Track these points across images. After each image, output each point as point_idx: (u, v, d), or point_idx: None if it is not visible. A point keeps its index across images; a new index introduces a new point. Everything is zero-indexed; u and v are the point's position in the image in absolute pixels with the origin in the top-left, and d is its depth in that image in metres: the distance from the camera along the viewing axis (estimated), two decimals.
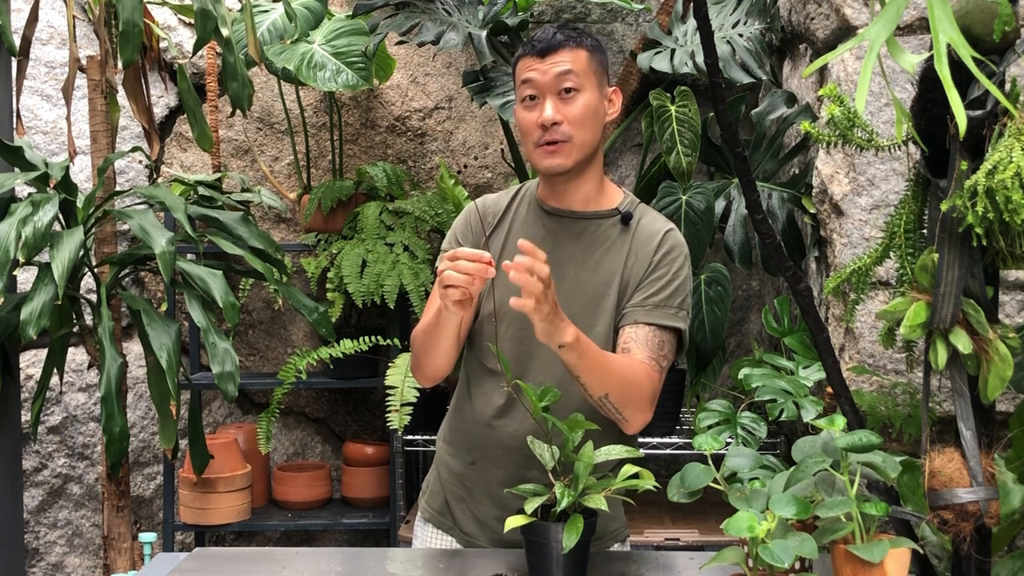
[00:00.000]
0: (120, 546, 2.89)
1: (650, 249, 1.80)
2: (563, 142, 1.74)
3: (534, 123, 1.75)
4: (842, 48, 1.29)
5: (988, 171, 1.33)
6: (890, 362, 2.46)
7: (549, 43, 1.75)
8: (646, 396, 1.70)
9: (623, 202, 1.85)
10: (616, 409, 1.67)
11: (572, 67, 1.75)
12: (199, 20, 2.73)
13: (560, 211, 1.83)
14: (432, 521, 1.91)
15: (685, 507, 3.01)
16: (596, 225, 1.83)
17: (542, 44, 1.76)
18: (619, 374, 1.66)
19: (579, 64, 1.76)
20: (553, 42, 1.75)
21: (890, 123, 2.48)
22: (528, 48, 1.78)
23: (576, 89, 1.75)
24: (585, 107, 1.75)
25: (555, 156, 1.75)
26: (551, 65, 1.75)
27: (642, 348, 1.72)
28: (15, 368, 2.80)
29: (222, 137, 3.61)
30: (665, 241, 1.81)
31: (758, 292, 3.58)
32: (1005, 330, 1.46)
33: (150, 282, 3.62)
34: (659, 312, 1.76)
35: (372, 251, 3.21)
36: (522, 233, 1.83)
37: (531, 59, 1.76)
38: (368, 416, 3.71)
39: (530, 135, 1.77)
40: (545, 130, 1.74)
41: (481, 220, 1.86)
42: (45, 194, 2.58)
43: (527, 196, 1.89)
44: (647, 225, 1.83)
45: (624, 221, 1.82)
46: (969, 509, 1.40)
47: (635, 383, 1.68)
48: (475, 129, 3.64)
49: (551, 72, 1.74)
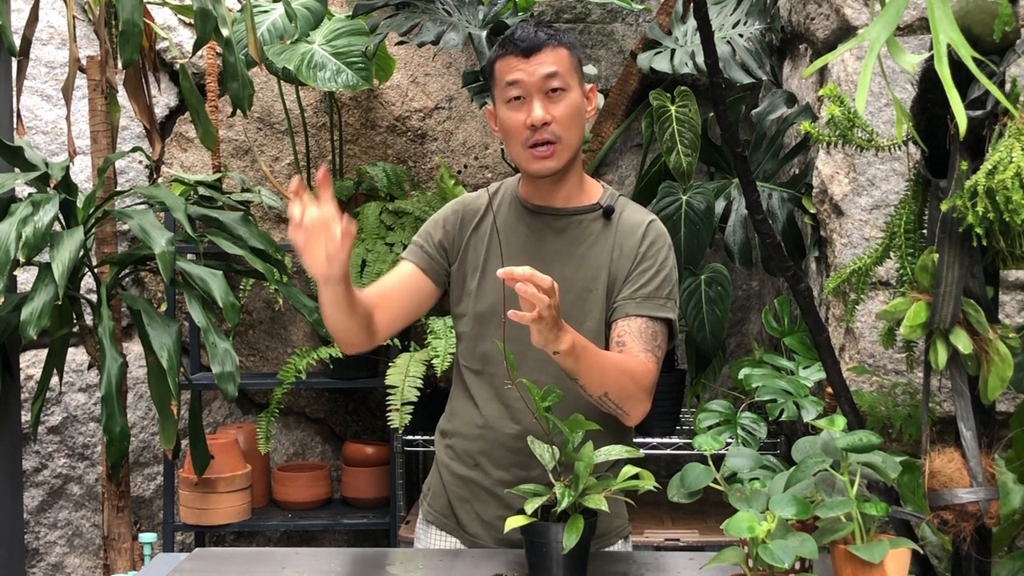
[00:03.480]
0: (120, 546, 2.89)
1: (634, 241, 1.81)
2: (553, 143, 1.74)
3: (522, 124, 1.74)
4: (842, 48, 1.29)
5: (988, 171, 1.33)
6: (890, 362, 2.46)
7: (533, 42, 1.73)
8: (645, 388, 1.71)
9: (603, 196, 1.85)
10: (616, 404, 1.68)
11: (557, 67, 1.74)
12: (199, 20, 2.73)
13: (542, 208, 1.83)
14: (435, 523, 1.90)
15: (685, 507, 3.00)
16: (579, 221, 1.83)
17: (526, 43, 1.73)
18: (616, 371, 1.67)
19: (563, 64, 1.75)
20: (537, 41, 1.73)
21: (890, 123, 2.48)
22: (510, 47, 1.75)
23: (563, 89, 1.74)
24: (572, 107, 1.75)
25: (546, 160, 1.75)
26: (536, 65, 1.73)
27: (637, 340, 1.74)
28: (15, 368, 2.80)
29: (222, 137, 3.61)
30: (649, 233, 1.82)
31: (758, 292, 3.58)
32: (1005, 330, 1.46)
33: (150, 282, 3.62)
34: (649, 303, 1.77)
35: (372, 251, 3.21)
36: (506, 232, 1.83)
37: (514, 59, 1.74)
38: (368, 416, 3.71)
39: (518, 136, 1.75)
40: (534, 131, 1.73)
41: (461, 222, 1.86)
42: (45, 194, 2.58)
43: (507, 195, 1.88)
44: (629, 218, 1.83)
45: (606, 215, 1.82)
46: (969, 509, 1.40)
47: (632, 378, 1.69)
48: (475, 129, 3.64)
49: (538, 72, 1.73)
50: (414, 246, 1.88)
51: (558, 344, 1.54)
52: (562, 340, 1.54)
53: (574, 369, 1.60)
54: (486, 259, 1.83)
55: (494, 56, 1.79)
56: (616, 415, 1.71)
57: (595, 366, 1.63)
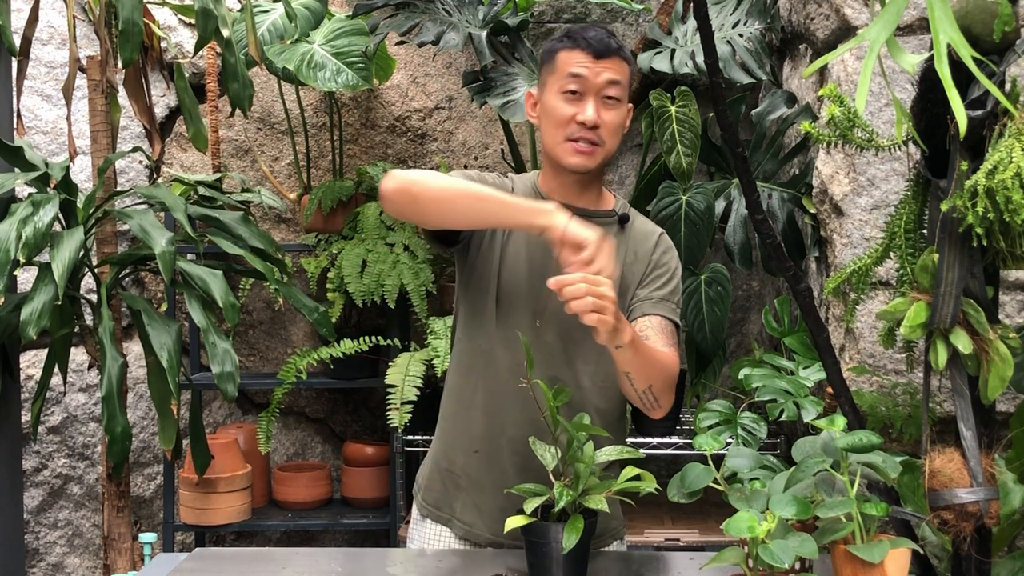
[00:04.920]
0: (120, 546, 2.89)
1: (648, 248, 1.87)
2: (596, 144, 1.78)
3: (571, 117, 1.76)
4: (842, 48, 1.29)
5: (988, 171, 1.33)
6: (890, 362, 2.46)
7: (607, 46, 1.76)
8: (674, 382, 1.77)
9: (617, 205, 1.91)
10: (655, 397, 1.73)
11: (620, 78, 1.77)
12: (200, 20, 2.73)
13: (565, 206, 1.83)
14: (430, 516, 1.89)
15: (685, 507, 3.01)
16: (597, 224, 1.83)
17: (599, 45, 1.76)
18: (660, 365, 1.72)
19: (624, 76, 1.79)
20: (611, 46, 1.76)
21: (890, 123, 2.48)
22: (582, 43, 1.77)
23: (618, 100, 1.78)
24: (620, 118, 1.80)
25: (584, 156, 1.77)
26: (603, 69, 1.76)
27: (660, 335, 1.79)
28: (15, 368, 2.80)
29: (222, 137, 3.61)
30: (661, 242, 1.90)
31: (758, 292, 3.58)
32: (1005, 330, 1.46)
33: (150, 282, 3.62)
34: (664, 305, 1.83)
35: (372, 251, 3.21)
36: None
37: (583, 54, 1.76)
38: (368, 416, 3.71)
39: (563, 127, 1.77)
40: (582, 128, 1.76)
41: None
42: (45, 194, 2.58)
43: (526, 188, 1.88)
44: (640, 227, 1.91)
45: (621, 223, 1.88)
46: (969, 509, 1.40)
47: (670, 372, 1.75)
48: (475, 129, 3.64)
49: (603, 76, 1.76)
50: None
51: (622, 338, 1.59)
52: (625, 333, 1.59)
53: (631, 361, 1.65)
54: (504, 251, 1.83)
55: (558, 45, 1.80)
56: (649, 408, 1.75)
57: (648, 358, 1.68)
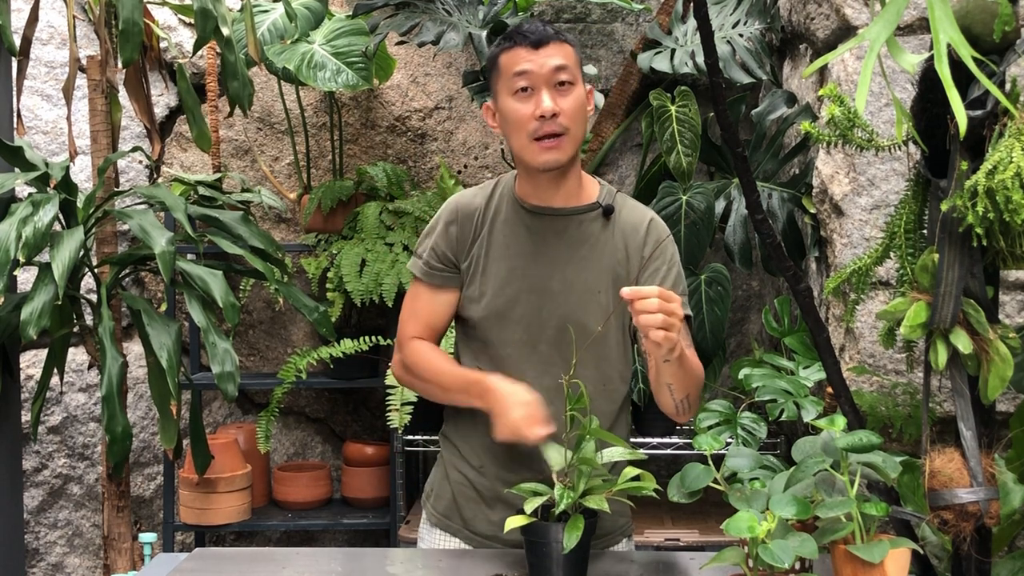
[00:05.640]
0: (120, 546, 2.89)
1: (638, 243, 1.81)
2: (560, 135, 1.72)
3: (529, 115, 1.72)
4: (842, 48, 1.29)
5: (988, 171, 1.33)
6: (890, 362, 2.46)
7: (542, 34, 1.73)
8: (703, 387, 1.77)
9: (601, 194, 1.84)
10: (690, 406, 1.72)
11: (565, 61, 1.73)
12: (199, 20, 2.73)
13: (541, 209, 1.81)
14: (439, 525, 1.88)
15: (685, 507, 3.00)
16: (578, 221, 1.81)
17: (535, 35, 1.73)
18: (695, 373, 1.70)
19: (569, 58, 1.75)
20: (546, 34, 1.74)
21: (890, 123, 2.48)
22: (518, 39, 1.74)
23: (571, 82, 1.74)
24: (578, 100, 1.75)
25: (553, 151, 1.73)
26: (546, 57, 1.72)
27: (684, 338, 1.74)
28: (15, 368, 2.80)
29: (222, 137, 3.61)
30: (651, 232, 1.82)
31: (758, 292, 3.58)
32: (1005, 330, 1.46)
33: (150, 282, 3.62)
34: None
35: (372, 251, 3.21)
36: (504, 233, 1.82)
37: (523, 50, 1.73)
38: (368, 416, 3.71)
39: (524, 127, 1.73)
40: (543, 122, 1.71)
41: (462, 227, 1.84)
42: (45, 194, 2.58)
43: (505, 194, 1.86)
44: (628, 217, 1.83)
45: (606, 214, 1.82)
46: (969, 509, 1.40)
47: (701, 378, 1.74)
48: (475, 129, 3.64)
49: (547, 64, 1.72)
50: (426, 267, 1.85)
51: (674, 352, 1.57)
52: (677, 348, 1.57)
53: (675, 373, 1.63)
54: (486, 261, 1.82)
55: (498, 49, 1.78)
56: (680, 415, 1.73)
57: (688, 369, 1.66)
